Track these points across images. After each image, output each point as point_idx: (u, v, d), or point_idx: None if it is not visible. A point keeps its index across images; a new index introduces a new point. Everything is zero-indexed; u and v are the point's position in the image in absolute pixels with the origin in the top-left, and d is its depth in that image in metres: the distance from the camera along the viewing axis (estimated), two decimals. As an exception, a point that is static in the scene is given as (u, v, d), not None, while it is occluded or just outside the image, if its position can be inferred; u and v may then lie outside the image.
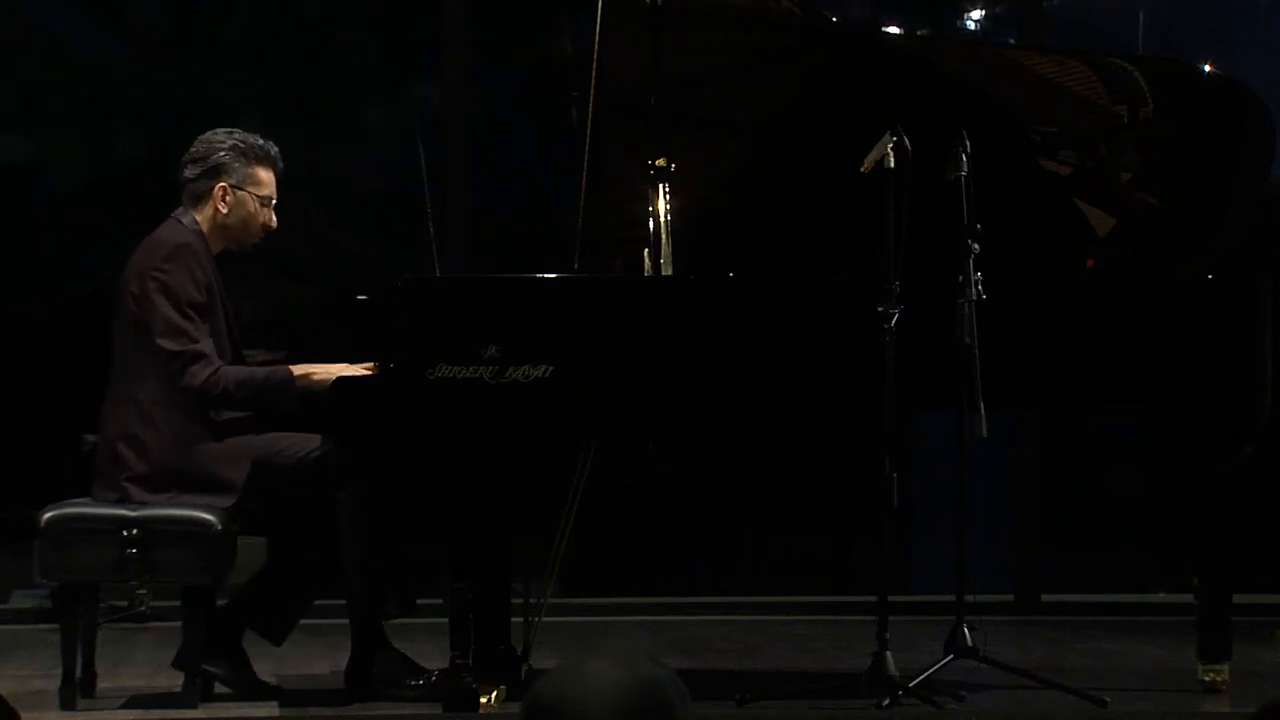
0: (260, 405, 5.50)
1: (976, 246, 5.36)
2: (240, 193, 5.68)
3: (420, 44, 8.92)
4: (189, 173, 5.72)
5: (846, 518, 8.89)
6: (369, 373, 5.50)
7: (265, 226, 5.74)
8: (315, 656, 6.54)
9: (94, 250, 9.03)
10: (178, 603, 5.64)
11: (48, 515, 5.44)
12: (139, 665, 6.43)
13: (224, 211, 5.68)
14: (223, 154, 5.69)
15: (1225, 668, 5.67)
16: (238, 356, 5.65)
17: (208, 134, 5.77)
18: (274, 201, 5.74)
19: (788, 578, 8.64)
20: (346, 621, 5.63)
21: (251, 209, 5.70)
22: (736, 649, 7.02)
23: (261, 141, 5.75)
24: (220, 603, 5.74)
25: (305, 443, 5.52)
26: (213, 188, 5.68)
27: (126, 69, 9.10)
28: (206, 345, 5.49)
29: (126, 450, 5.49)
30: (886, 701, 5.23)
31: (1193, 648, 5.72)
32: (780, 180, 6.04)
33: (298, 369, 5.53)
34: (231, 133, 5.75)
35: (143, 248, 5.65)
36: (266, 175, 5.73)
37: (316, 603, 7.49)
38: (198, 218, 5.68)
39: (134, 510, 5.43)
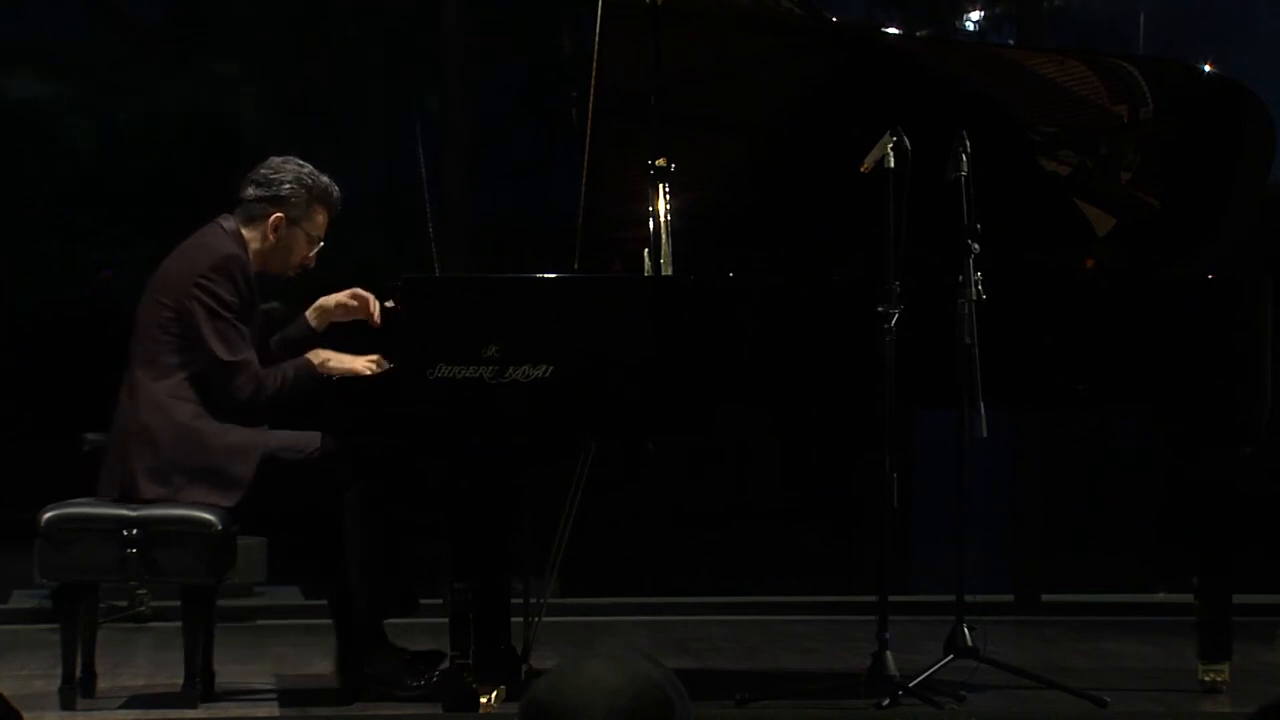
0: (296, 399, 5.51)
1: (976, 246, 5.36)
2: (294, 229, 5.68)
3: (420, 44, 8.93)
4: (250, 192, 5.70)
5: (846, 518, 8.91)
6: (378, 369, 5.51)
7: (304, 264, 5.73)
8: (315, 657, 6.54)
9: (94, 250, 9.04)
10: (178, 603, 5.64)
11: (48, 515, 5.44)
12: (139, 665, 6.43)
13: (272, 240, 5.67)
14: (289, 186, 5.68)
15: (1225, 668, 5.67)
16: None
17: (279, 159, 5.74)
18: (321, 244, 5.74)
19: (788, 578, 8.65)
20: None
21: (298, 245, 5.69)
22: (736, 649, 7.02)
23: (327, 182, 5.73)
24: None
25: (309, 441, 5.52)
26: (269, 214, 5.67)
27: (128, 70, 9.10)
28: (251, 353, 5.52)
29: (136, 443, 5.49)
30: (886, 701, 5.23)
31: (1193, 648, 5.72)
32: (780, 180, 6.04)
33: (315, 356, 5.53)
34: (301, 167, 5.71)
35: (186, 251, 5.63)
36: (323, 217, 5.73)
37: (316, 603, 7.51)
38: (244, 233, 5.67)
39: (134, 510, 5.43)
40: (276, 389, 5.50)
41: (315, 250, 5.73)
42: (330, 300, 5.73)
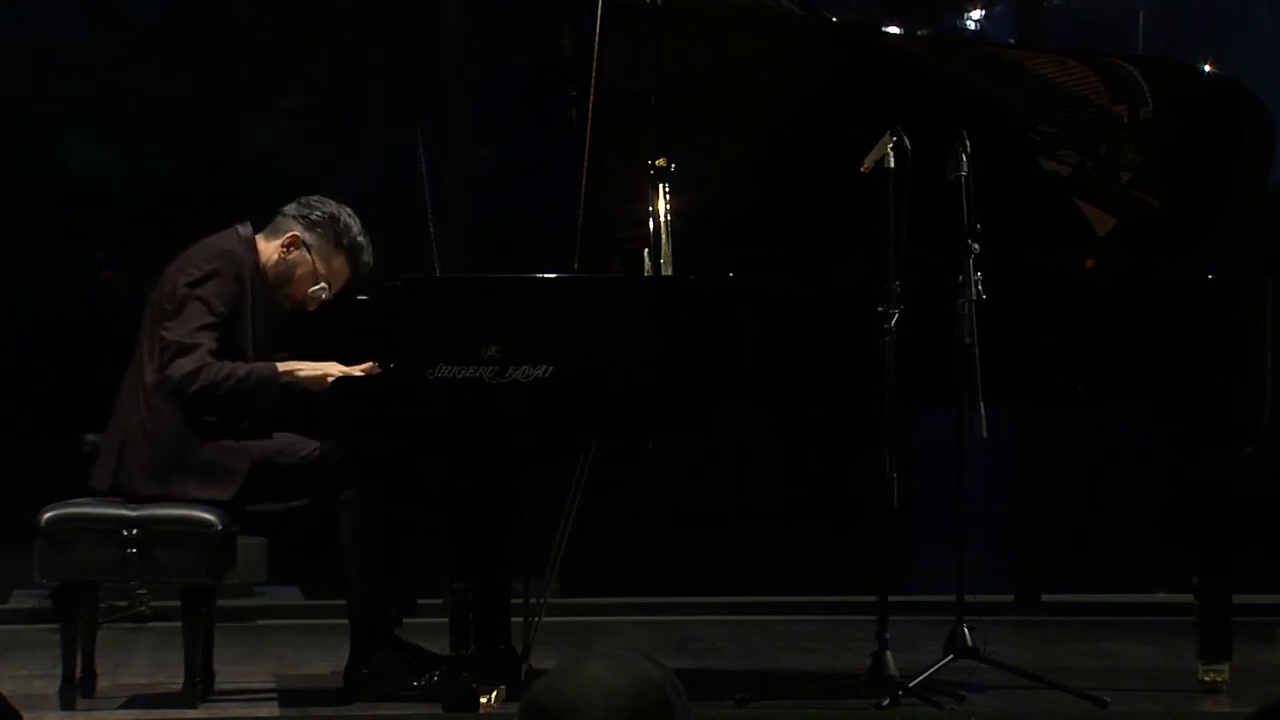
0: (241, 402, 5.46)
1: (976, 246, 5.36)
2: (306, 253, 5.65)
3: (420, 44, 8.93)
4: (287, 208, 5.69)
5: (847, 518, 8.90)
6: (364, 373, 5.50)
7: (307, 300, 5.68)
8: (315, 657, 6.55)
9: (94, 250, 9.04)
10: (178, 603, 5.64)
11: (48, 515, 5.44)
12: (139, 665, 6.43)
13: (282, 255, 5.65)
14: (322, 214, 5.67)
15: (1225, 668, 5.67)
16: None
17: (335, 201, 5.72)
18: (329, 292, 5.68)
19: (788, 578, 8.65)
20: (346, 621, 5.62)
21: (305, 274, 5.65)
22: (736, 649, 7.02)
23: (362, 240, 5.69)
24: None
25: (306, 444, 5.52)
26: (291, 230, 5.66)
27: (128, 70, 9.10)
28: (204, 343, 5.46)
29: (133, 442, 5.49)
30: (886, 701, 5.23)
31: (1193, 648, 5.72)
32: (780, 180, 6.04)
33: (283, 365, 5.52)
34: (352, 217, 5.68)
35: (191, 250, 5.63)
36: (340, 264, 5.68)
37: (316, 603, 7.51)
38: (261, 244, 5.66)
39: (134, 510, 5.42)
40: (220, 381, 5.41)
41: (319, 290, 5.67)
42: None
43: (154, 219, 8.70)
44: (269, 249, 5.66)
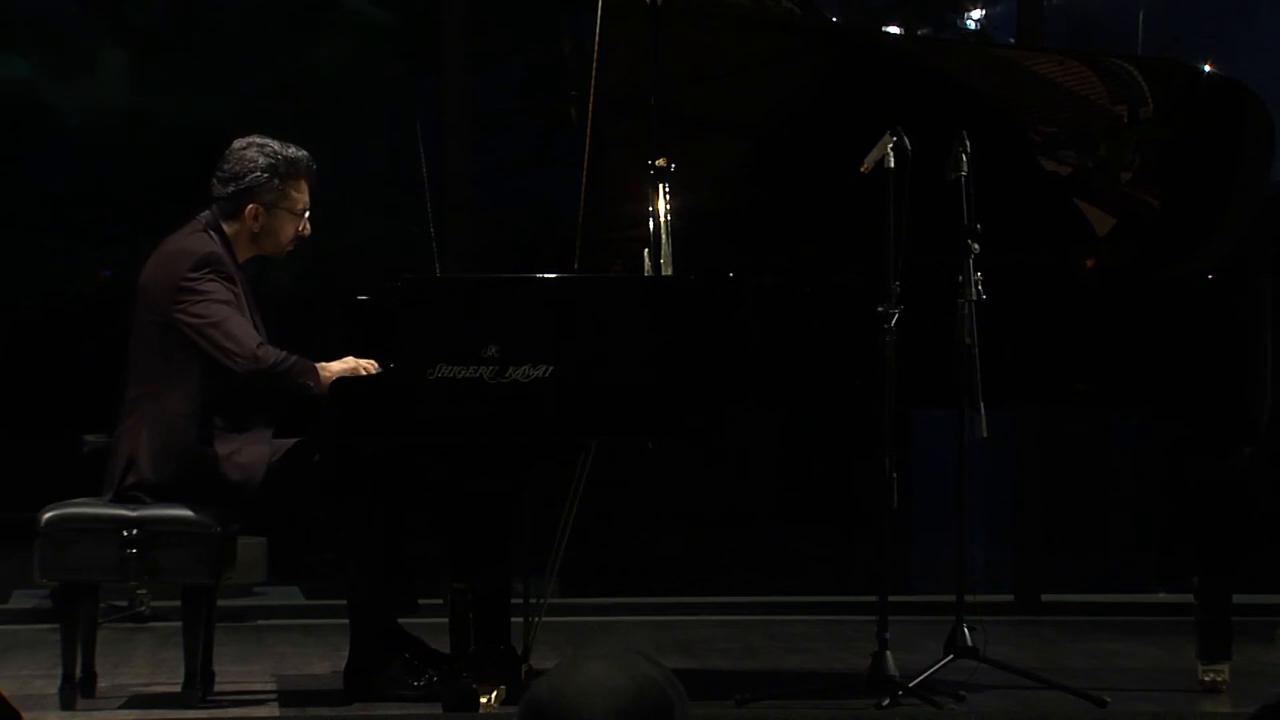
0: (290, 386, 5.44)
1: (976, 246, 5.36)
2: (275, 211, 5.63)
3: (420, 43, 8.93)
4: (220, 191, 5.64)
5: (846, 518, 8.91)
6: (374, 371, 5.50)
7: (299, 235, 5.70)
8: (315, 656, 6.55)
9: (94, 250, 9.04)
10: (178, 603, 5.64)
11: (48, 515, 5.44)
12: (139, 665, 6.43)
13: (255, 228, 5.64)
14: (256, 174, 5.61)
15: (1225, 668, 5.67)
16: None
17: (239, 146, 5.66)
18: (307, 211, 5.68)
19: (788, 578, 8.65)
20: (346, 621, 5.63)
21: (284, 225, 5.65)
22: (736, 649, 7.02)
23: (292, 153, 5.65)
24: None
25: (306, 445, 5.51)
26: (245, 206, 5.63)
27: (127, 69, 9.11)
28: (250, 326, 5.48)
29: (143, 459, 5.46)
30: (886, 701, 5.23)
31: (1193, 648, 5.72)
32: (780, 180, 6.05)
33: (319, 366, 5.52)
34: (263, 148, 5.64)
35: (166, 254, 5.59)
36: (300, 190, 5.66)
37: (316, 603, 7.51)
38: (226, 229, 5.63)
39: (134, 510, 5.42)
40: (280, 359, 5.39)
41: (304, 223, 5.68)
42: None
43: (154, 219, 8.68)
44: (237, 230, 5.61)
